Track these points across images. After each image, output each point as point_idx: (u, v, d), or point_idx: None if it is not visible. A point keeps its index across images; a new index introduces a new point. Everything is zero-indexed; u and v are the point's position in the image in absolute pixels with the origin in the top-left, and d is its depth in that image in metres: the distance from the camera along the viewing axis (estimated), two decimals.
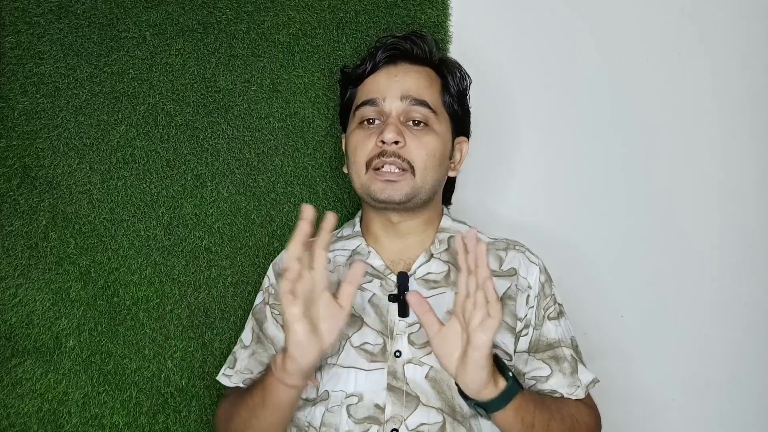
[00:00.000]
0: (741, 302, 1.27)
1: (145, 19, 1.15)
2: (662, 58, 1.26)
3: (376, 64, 0.99)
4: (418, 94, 0.96)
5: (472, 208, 1.19)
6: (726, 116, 1.27)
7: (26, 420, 1.10)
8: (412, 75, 0.97)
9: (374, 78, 0.98)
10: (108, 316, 1.13)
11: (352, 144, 0.97)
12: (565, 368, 0.95)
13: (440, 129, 0.97)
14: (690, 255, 1.26)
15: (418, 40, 1.00)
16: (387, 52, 0.99)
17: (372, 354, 0.91)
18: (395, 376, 0.89)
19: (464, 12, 1.22)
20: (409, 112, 0.95)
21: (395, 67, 0.98)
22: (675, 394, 1.25)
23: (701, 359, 1.25)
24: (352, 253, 0.99)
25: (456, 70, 1.02)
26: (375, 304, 0.94)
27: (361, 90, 1.00)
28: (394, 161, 0.93)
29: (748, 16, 1.27)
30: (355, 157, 0.96)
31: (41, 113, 1.13)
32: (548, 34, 1.25)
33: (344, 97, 1.04)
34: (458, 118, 1.01)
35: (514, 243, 1.02)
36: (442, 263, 0.97)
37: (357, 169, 0.96)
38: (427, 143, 0.95)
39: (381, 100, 0.96)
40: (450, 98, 1.00)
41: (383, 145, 0.93)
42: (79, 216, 1.13)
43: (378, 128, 0.95)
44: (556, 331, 0.97)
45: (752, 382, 1.26)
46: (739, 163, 1.27)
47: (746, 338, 1.27)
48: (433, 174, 0.95)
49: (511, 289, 0.96)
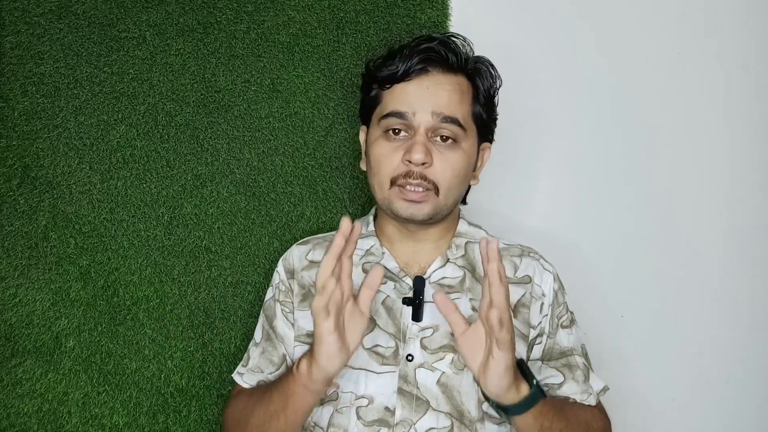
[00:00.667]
0: (741, 302, 1.27)
1: (145, 19, 1.15)
2: (662, 58, 1.26)
3: (408, 71, 0.93)
4: (449, 110, 0.91)
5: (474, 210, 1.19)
6: (730, 117, 1.27)
7: (26, 420, 1.10)
8: (444, 88, 0.92)
9: (404, 87, 0.93)
10: (108, 316, 1.13)
11: (375, 154, 0.94)
12: (578, 376, 0.96)
13: (467, 145, 0.94)
14: (690, 255, 1.26)
15: (455, 47, 0.95)
16: (421, 60, 0.92)
17: (383, 357, 0.90)
18: (406, 380, 0.89)
19: (464, 12, 1.22)
20: (439, 128, 0.91)
21: (427, 77, 0.93)
22: (675, 394, 1.25)
23: (701, 359, 1.25)
24: (366, 253, 0.98)
25: (488, 72, 0.98)
26: (388, 307, 0.93)
27: (388, 96, 0.95)
28: (420, 183, 0.90)
29: (749, 16, 1.27)
30: (379, 169, 0.93)
31: (41, 113, 1.13)
32: (549, 34, 1.25)
33: (368, 93, 0.98)
34: (485, 125, 0.98)
35: (528, 250, 1.01)
36: (457, 268, 0.96)
37: (380, 182, 0.93)
38: (454, 163, 0.92)
39: (410, 114, 0.91)
40: (479, 107, 0.96)
41: (410, 164, 0.90)
42: (79, 216, 1.13)
43: (405, 141, 0.92)
44: (568, 340, 0.98)
45: (752, 382, 1.26)
46: (740, 164, 1.27)
47: (746, 338, 1.27)
48: (456, 191, 0.94)
49: (525, 296, 0.96)
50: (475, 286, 0.95)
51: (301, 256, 1.02)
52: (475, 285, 0.95)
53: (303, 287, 0.99)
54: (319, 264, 0.98)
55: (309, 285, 0.99)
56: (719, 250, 1.27)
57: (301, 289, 0.99)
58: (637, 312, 1.25)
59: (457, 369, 0.90)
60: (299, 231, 1.17)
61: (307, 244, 1.04)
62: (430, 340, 0.90)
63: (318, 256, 1.01)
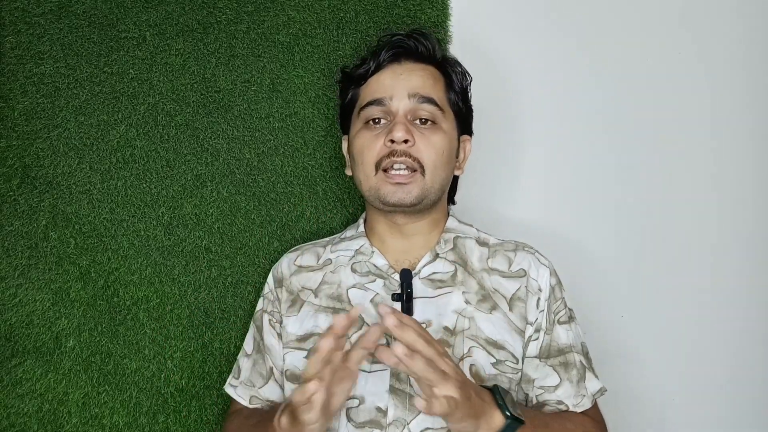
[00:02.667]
0: (741, 302, 1.27)
1: (145, 19, 1.15)
2: (662, 58, 1.26)
3: (380, 63, 0.97)
4: (425, 91, 0.94)
5: (468, 207, 1.19)
6: (730, 116, 1.27)
7: (26, 420, 1.10)
8: (417, 73, 0.96)
9: (379, 77, 0.97)
10: (108, 316, 1.13)
11: (358, 145, 0.96)
12: (572, 376, 0.93)
13: (447, 127, 0.96)
14: (690, 255, 1.26)
15: (422, 38, 0.98)
16: (391, 50, 0.97)
17: (374, 355, 0.89)
18: (398, 378, 0.87)
19: (464, 12, 1.22)
20: (417, 110, 0.94)
21: (400, 66, 0.97)
22: (675, 394, 1.25)
23: (701, 359, 1.25)
24: (355, 253, 0.99)
25: (457, 68, 1.02)
26: (377, 303, 0.93)
27: (365, 90, 0.99)
28: (404, 161, 0.91)
29: (749, 16, 1.27)
30: (363, 158, 0.94)
31: (41, 113, 1.13)
32: (549, 33, 1.25)
33: (345, 98, 1.02)
34: (462, 115, 1.01)
35: (523, 245, 1.01)
36: (448, 263, 0.96)
37: (366, 171, 0.94)
38: (436, 142, 0.93)
39: (388, 99, 0.94)
40: (454, 95, 0.99)
41: (392, 144, 0.92)
42: (79, 216, 1.13)
43: (385, 128, 0.94)
44: (567, 336, 0.95)
45: (752, 382, 1.26)
46: (740, 164, 1.27)
47: (746, 338, 1.27)
48: (441, 173, 0.94)
49: (520, 290, 0.94)
50: (468, 279, 0.94)
51: (289, 263, 1.02)
52: (467, 278, 0.94)
53: (291, 293, 0.99)
54: (307, 269, 1.00)
55: (297, 290, 0.99)
56: (719, 249, 1.27)
57: (289, 294, 0.99)
58: (637, 312, 1.25)
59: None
60: (299, 231, 1.17)
61: (297, 251, 1.05)
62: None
63: (307, 261, 1.02)
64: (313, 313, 0.96)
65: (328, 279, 0.98)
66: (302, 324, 0.96)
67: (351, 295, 0.95)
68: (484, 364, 0.89)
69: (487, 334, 0.90)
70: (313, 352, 0.75)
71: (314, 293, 0.97)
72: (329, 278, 0.98)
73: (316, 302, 0.96)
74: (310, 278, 0.99)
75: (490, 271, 0.96)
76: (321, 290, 0.97)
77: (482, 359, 0.89)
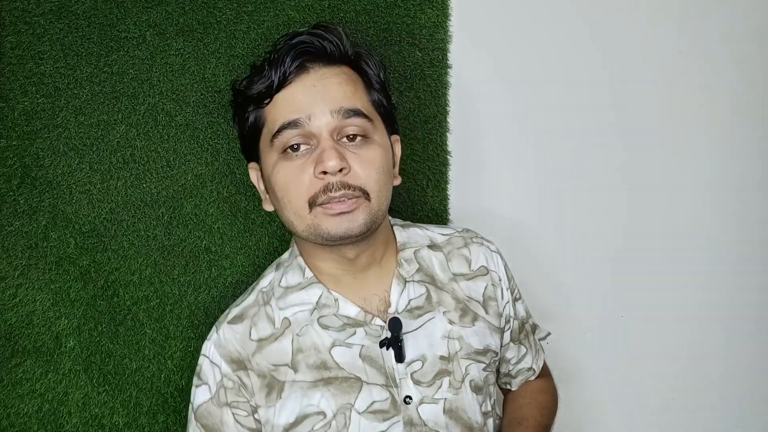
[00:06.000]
0: (741, 302, 1.27)
1: (145, 19, 1.15)
2: (662, 58, 1.26)
3: (285, 75, 0.80)
4: (348, 103, 0.80)
5: (469, 209, 1.19)
6: (730, 116, 1.27)
7: (26, 420, 1.10)
8: (331, 81, 0.80)
9: (287, 93, 0.80)
10: (108, 316, 1.13)
11: (280, 182, 0.80)
12: (531, 341, 1.00)
13: (379, 137, 0.83)
14: (690, 255, 1.26)
15: (327, 34, 0.82)
16: (295, 58, 0.80)
17: (384, 412, 0.83)
18: (412, 423, 0.83)
19: (464, 12, 1.22)
20: (343, 127, 0.79)
21: (309, 75, 0.81)
22: (675, 394, 1.25)
23: (701, 359, 1.26)
24: (317, 306, 0.85)
25: (370, 60, 0.87)
26: (367, 356, 0.84)
27: (272, 111, 0.82)
28: (344, 194, 0.77)
29: (749, 16, 1.27)
30: (290, 196, 0.79)
31: (41, 113, 1.13)
32: (548, 33, 1.25)
33: (245, 124, 0.85)
34: (389, 115, 0.88)
35: (468, 235, 0.95)
36: (417, 285, 0.89)
37: (296, 211, 0.80)
38: (373, 160, 0.80)
39: (305, 119, 0.78)
40: (377, 95, 0.86)
41: (325, 176, 0.77)
42: (79, 216, 1.13)
43: (309, 154, 0.79)
44: (522, 309, 1.00)
45: (751, 382, 1.26)
46: (741, 163, 1.27)
47: (746, 338, 1.27)
48: (385, 192, 0.82)
49: (488, 288, 0.93)
50: (443, 296, 0.89)
51: (243, 339, 0.86)
52: (441, 295, 0.89)
53: (264, 376, 0.84)
54: (269, 340, 0.85)
55: (269, 370, 0.84)
56: (720, 249, 1.27)
57: (262, 379, 0.84)
58: (637, 312, 1.25)
59: (455, 389, 0.86)
60: None
61: (242, 322, 0.88)
62: (422, 373, 0.84)
63: (264, 330, 0.87)
64: (301, 393, 0.83)
65: (301, 345, 0.84)
66: (291, 409, 0.83)
67: (336, 357, 0.84)
68: (479, 375, 0.90)
69: (476, 347, 0.90)
70: None
71: (292, 368, 0.84)
72: (301, 344, 0.84)
73: (300, 378, 0.83)
74: (278, 350, 0.85)
75: (456, 277, 0.92)
76: (298, 361, 0.84)
77: (477, 371, 0.89)
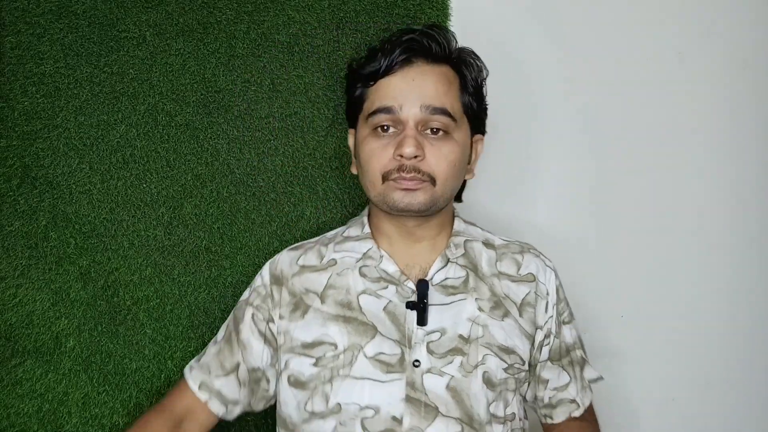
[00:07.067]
0: (741, 302, 1.27)
1: (145, 19, 1.15)
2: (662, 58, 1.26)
3: (391, 64, 0.91)
4: (438, 101, 0.89)
5: (469, 209, 1.19)
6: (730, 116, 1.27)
7: (26, 420, 1.10)
8: (430, 78, 0.90)
9: (389, 81, 0.91)
10: (108, 316, 1.13)
11: (365, 153, 0.92)
12: (576, 372, 0.98)
13: (459, 136, 0.92)
14: (690, 255, 1.26)
15: (437, 36, 0.92)
16: (403, 51, 0.91)
17: (389, 365, 0.87)
18: (414, 386, 0.86)
19: (464, 12, 1.22)
20: (428, 121, 0.89)
21: (411, 69, 0.91)
22: (675, 394, 1.25)
23: (701, 359, 1.26)
24: (363, 257, 0.95)
25: (474, 62, 0.96)
26: (391, 312, 0.91)
27: (374, 93, 0.93)
28: (413, 177, 0.88)
29: (749, 16, 1.27)
30: (369, 166, 0.91)
31: (41, 113, 1.13)
32: (549, 33, 1.25)
33: (353, 93, 0.97)
34: (476, 116, 0.96)
35: (527, 246, 1.01)
36: (459, 268, 0.95)
37: (372, 179, 0.91)
38: (448, 154, 0.90)
39: (398, 108, 0.89)
40: (468, 97, 0.94)
41: (401, 159, 0.88)
42: (79, 216, 1.13)
43: (394, 137, 0.90)
44: (570, 335, 0.99)
45: (752, 382, 1.26)
46: (742, 163, 1.27)
47: (746, 338, 1.27)
48: (452, 183, 0.92)
49: (530, 295, 0.95)
50: (480, 285, 0.94)
51: (291, 262, 0.98)
52: (479, 284, 0.94)
53: (294, 295, 0.95)
54: (310, 269, 0.97)
55: (301, 293, 0.95)
56: (719, 249, 1.27)
57: (292, 297, 0.95)
58: (637, 312, 1.25)
59: (465, 372, 0.88)
60: (299, 231, 1.17)
61: (298, 249, 1.01)
62: (437, 344, 0.88)
63: (310, 260, 0.98)
64: (321, 321, 0.92)
65: (335, 282, 0.94)
66: (310, 330, 0.92)
67: (362, 302, 0.92)
68: (496, 370, 0.90)
69: (500, 341, 0.91)
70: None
71: (320, 298, 0.94)
72: (336, 281, 0.94)
73: (324, 309, 0.93)
74: (314, 280, 0.96)
75: (500, 275, 0.96)
76: (328, 295, 0.94)
77: (495, 366, 0.89)
